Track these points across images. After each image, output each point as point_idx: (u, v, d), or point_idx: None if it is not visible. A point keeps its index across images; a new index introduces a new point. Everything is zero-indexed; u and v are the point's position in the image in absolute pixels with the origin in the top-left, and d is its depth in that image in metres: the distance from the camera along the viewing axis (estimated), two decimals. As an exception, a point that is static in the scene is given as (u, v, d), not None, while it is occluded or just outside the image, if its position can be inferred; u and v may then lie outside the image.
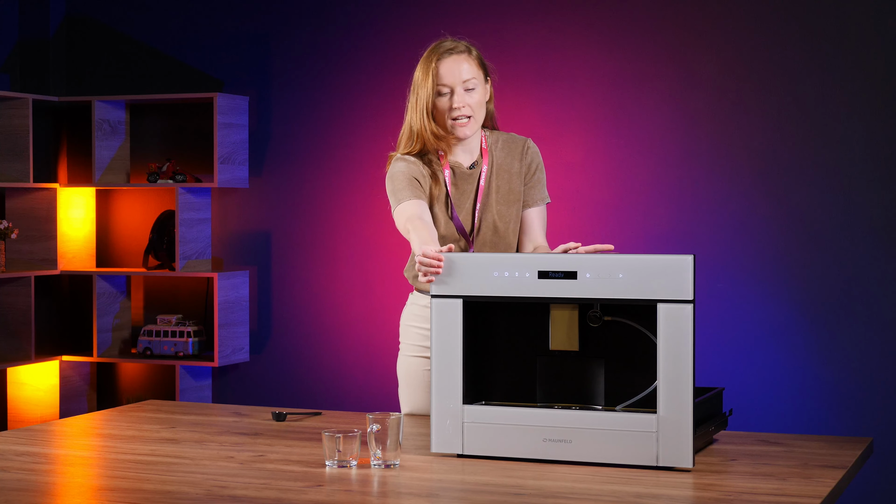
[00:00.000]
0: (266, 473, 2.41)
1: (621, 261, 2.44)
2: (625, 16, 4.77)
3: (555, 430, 2.47)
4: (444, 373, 2.56)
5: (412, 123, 3.05)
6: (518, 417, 2.50)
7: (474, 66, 3.04)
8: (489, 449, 2.52)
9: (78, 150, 5.62)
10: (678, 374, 2.37)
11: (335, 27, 5.23)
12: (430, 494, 2.29)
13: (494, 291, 2.52)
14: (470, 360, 2.58)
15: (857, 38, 4.49)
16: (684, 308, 2.37)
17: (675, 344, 2.38)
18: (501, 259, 2.54)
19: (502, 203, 3.08)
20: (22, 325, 5.29)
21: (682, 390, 2.37)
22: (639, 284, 2.41)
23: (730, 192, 4.64)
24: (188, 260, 5.28)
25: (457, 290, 2.55)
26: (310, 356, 5.28)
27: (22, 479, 2.40)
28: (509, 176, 3.10)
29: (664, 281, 2.39)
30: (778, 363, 4.56)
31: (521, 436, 2.49)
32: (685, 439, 2.37)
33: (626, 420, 2.43)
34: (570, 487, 2.29)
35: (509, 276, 2.51)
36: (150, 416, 3.09)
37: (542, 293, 2.49)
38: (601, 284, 2.44)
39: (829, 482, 2.31)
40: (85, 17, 5.64)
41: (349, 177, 5.20)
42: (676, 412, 2.37)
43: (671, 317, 2.38)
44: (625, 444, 2.42)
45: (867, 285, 4.47)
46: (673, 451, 2.38)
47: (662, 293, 2.39)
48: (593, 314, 2.53)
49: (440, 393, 2.56)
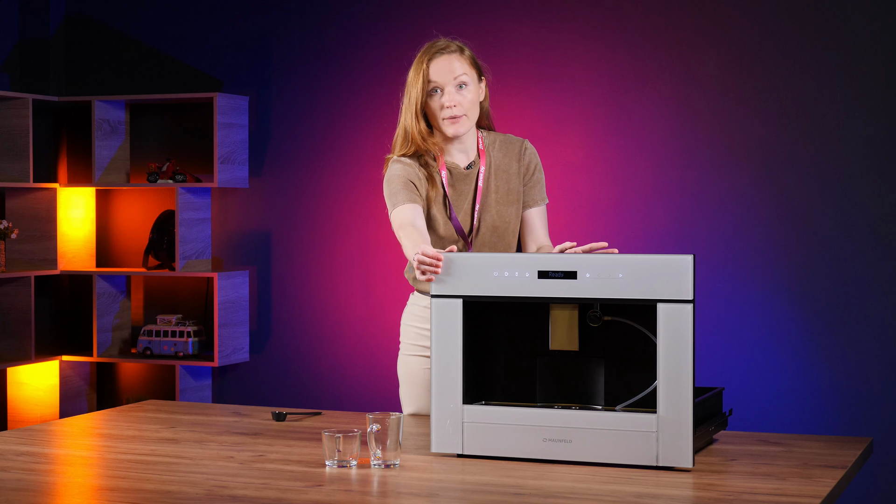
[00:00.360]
0: (266, 473, 2.41)
1: (621, 261, 2.44)
2: (625, 16, 4.77)
3: (554, 430, 2.47)
4: (444, 373, 2.56)
5: (406, 125, 3.06)
6: (518, 417, 2.50)
7: (466, 64, 3.04)
8: (489, 449, 2.52)
9: (78, 150, 5.62)
10: (678, 374, 2.37)
11: (335, 27, 5.23)
12: (430, 494, 2.29)
13: (494, 291, 2.53)
14: (470, 359, 2.58)
15: (857, 38, 4.49)
16: (684, 308, 2.37)
17: (674, 344, 2.38)
18: (501, 259, 2.54)
19: (501, 203, 3.08)
20: (22, 325, 5.29)
21: (682, 390, 2.37)
22: (639, 284, 2.41)
23: (730, 192, 4.64)
24: (188, 260, 5.28)
25: (457, 290, 2.56)
26: (310, 356, 5.28)
27: (22, 479, 2.40)
28: (508, 176, 3.10)
29: (664, 281, 2.39)
30: (778, 363, 4.56)
31: (520, 436, 2.49)
32: (685, 439, 2.37)
33: (626, 420, 2.43)
34: (570, 487, 2.29)
35: (509, 276, 2.51)
36: (150, 416, 3.09)
37: (542, 293, 2.49)
38: (601, 284, 2.44)
39: (829, 482, 2.31)
40: (85, 17, 5.64)
41: (349, 177, 5.20)
42: (676, 412, 2.37)
43: (671, 317, 2.38)
44: (625, 444, 2.42)
45: (867, 285, 4.47)
46: (673, 451, 2.38)
47: (662, 293, 2.39)
48: (593, 314, 2.53)
49: (440, 393, 2.56)
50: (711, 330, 4.59)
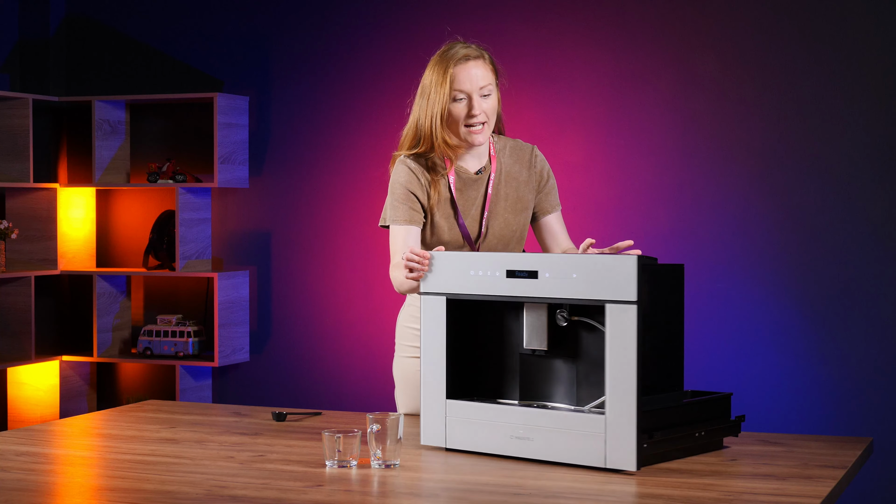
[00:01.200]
0: (266, 473, 2.42)
1: (576, 261, 2.46)
2: (625, 16, 4.77)
3: (519, 427, 2.52)
4: (432, 368, 2.63)
5: (421, 125, 3.02)
6: (490, 414, 2.56)
7: (489, 71, 3.02)
8: (469, 444, 2.58)
9: (78, 150, 5.62)
10: (623, 375, 2.37)
11: (335, 27, 5.23)
12: (430, 494, 2.30)
13: (471, 290, 2.59)
14: (457, 356, 2.64)
15: (856, 38, 4.49)
16: (629, 309, 2.38)
17: (620, 345, 2.38)
18: (476, 258, 2.59)
19: (510, 211, 3.07)
20: (22, 325, 5.29)
21: (627, 392, 2.37)
22: (589, 285, 2.43)
23: (730, 192, 4.64)
24: (188, 260, 5.28)
25: (440, 288, 2.63)
26: (310, 356, 5.28)
27: (22, 479, 2.41)
28: (517, 184, 3.09)
29: (610, 282, 2.40)
30: (778, 363, 4.56)
31: (493, 432, 2.55)
32: (629, 441, 2.36)
33: (577, 420, 2.44)
34: (570, 487, 2.29)
35: (483, 275, 2.57)
36: (150, 416, 3.09)
37: (510, 292, 2.54)
38: (558, 284, 2.47)
39: (829, 482, 2.31)
40: (85, 17, 5.64)
41: (349, 177, 5.20)
42: (621, 414, 2.37)
43: (616, 318, 2.39)
44: (578, 444, 2.44)
45: (867, 285, 4.47)
46: (618, 453, 2.38)
47: (609, 294, 2.40)
48: (560, 314, 2.55)
49: (427, 388, 2.63)
50: (711, 330, 4.59)
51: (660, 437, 2.43)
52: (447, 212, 3.03)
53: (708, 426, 2.60)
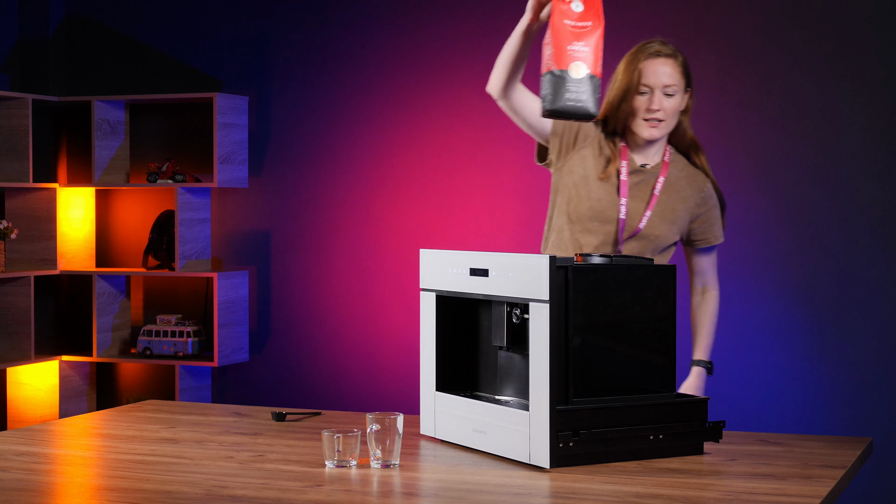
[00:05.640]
0: (266, 473, 2.41)
1: (511, 261, 2.51)
2: (625, 16, 4.76)
3: (476, 421, 2.59)
4: (425, 361, 2.76)
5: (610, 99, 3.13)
6: (460, 408, 2.65)
7: (678, 72, 3.09)
8: (449, 435, 2.67)
9: (78, 150, 5.62)
10: (538, 373, 2.42)
11: (335, 27, 5.23)
12: (430, 494, 2.30)
13: (448, 287, 2.69)
14: (446, 350, 2.73)
15: (857, 38, 4.49)
16: (542, 308, 2.41)
17: (536, 342, 2.43)
18: (450, 256, 2.68)
19: (658, 216, 3.13)
20: (22, 325, 5.29)
21: (540, 389, 2.41)
22: (518, 284, 2.48)
23: (729, 192, 4.62)
24: (188, 260, 5.28)
25: (430, 285, 2.74)
26: (310, 356, 5.28)
27: (22, 479, 2.40)
28: (679, 198, 3.16)
29: (529, 281, 2.45)
30: (778, 363, 4.56)
31: (460, 425, 2.64)
32: (543, 438, 2.40)
33: (510, 416, 2.50)
34: (570, 487, 2.29)
35: (453, 273, 2.66)
36: (150, 416, 3.09)
37: (471, 290, 2.63)
38: (501, 283, 2.53)
39: (828, 482, 2.31)
40: (85, 17, 5.64)
41: (349, 177, 5.20)
42: (537, 412, 2.42)
43: (533, 316, 2.43)
44: (512, 439, 2.49)
45: (867, 285, 4.47)
46: (537, 449, 2.42)
47: (528, 293, 2.45)
48: (514, 311, 2.59)
49: (423, 380, 2.76)
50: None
51: (588, 437, 2.42)
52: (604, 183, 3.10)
53: (668, 430, 2.51)
